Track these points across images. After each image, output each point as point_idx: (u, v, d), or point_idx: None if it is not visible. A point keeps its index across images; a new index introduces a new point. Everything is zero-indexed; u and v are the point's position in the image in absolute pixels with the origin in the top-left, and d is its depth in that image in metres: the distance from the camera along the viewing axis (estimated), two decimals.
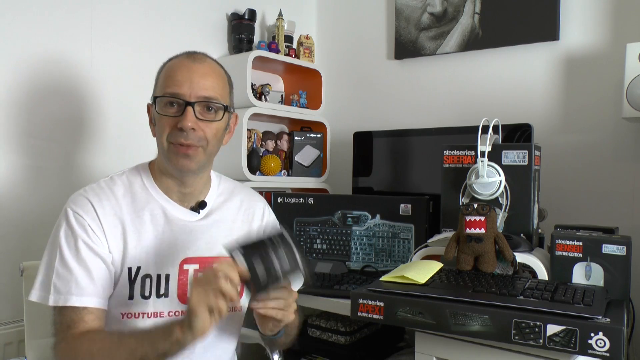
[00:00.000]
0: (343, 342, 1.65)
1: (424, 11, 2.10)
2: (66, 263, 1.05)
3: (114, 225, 1.09)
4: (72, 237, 1.06)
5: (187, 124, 1.08)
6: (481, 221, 1.27)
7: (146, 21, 1.85)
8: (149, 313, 1.11)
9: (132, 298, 1.10)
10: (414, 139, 1.91)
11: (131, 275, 1.10)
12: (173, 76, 1.11)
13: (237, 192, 1.29)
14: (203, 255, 1.16)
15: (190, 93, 1.10)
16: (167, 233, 1.14)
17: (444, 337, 1.19)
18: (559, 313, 1.00)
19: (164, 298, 1.12)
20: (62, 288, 1.04)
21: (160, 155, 1.15)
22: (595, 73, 1.75)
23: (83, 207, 1.09)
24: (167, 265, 1.13)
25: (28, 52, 1.56)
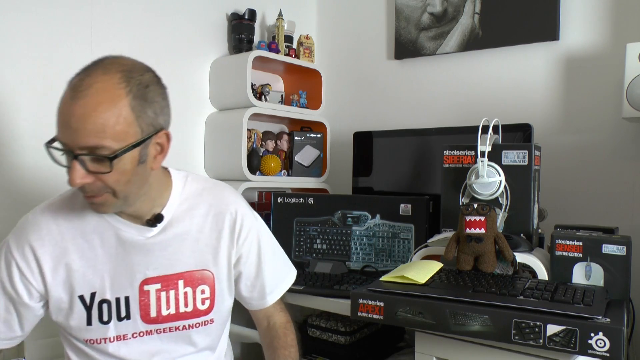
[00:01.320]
0: (343, 342, 1.65)
1: (424, 11, 2.10)
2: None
3: (55, 257, 1.05)
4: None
5: (75, 181, 0.93)
6: (481, 221, 1.27)
7: (146, 21, 1.85)
8: (110, 337, 1.09)
9: (90, 324, 1.08)
10: (414, 139, 1.91)
11: (85, 302, 1.07)
12: (58, 118, 0.93)
13: (206, 195, 1.16)
14: (165, 273, 1.10)
15: (72, 143, 0.92)
16: (120, 255, 1.07)
17: (444, 337, 1.19)
18: (559, 313, 1.00)
19: (126, 321, 1.08)
20: None
21: None
22: (595, 73, 1.75)
23: (19, 244, 1.05)
24: (125, 288, 1.08)
25: (28, 52, 1.56)
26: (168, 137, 1.02)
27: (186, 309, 1.12)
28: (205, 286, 1.14)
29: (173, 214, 1.11)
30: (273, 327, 1.27)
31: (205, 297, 1.14)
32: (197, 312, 1.14)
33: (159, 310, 1.10)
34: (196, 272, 1.13)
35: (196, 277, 1.13)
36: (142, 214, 1.07)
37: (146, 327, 1.10)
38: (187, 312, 1.13)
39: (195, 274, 1.13)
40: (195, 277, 1.13)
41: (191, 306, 1.13)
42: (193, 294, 1.13)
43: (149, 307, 1.10)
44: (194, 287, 1.13)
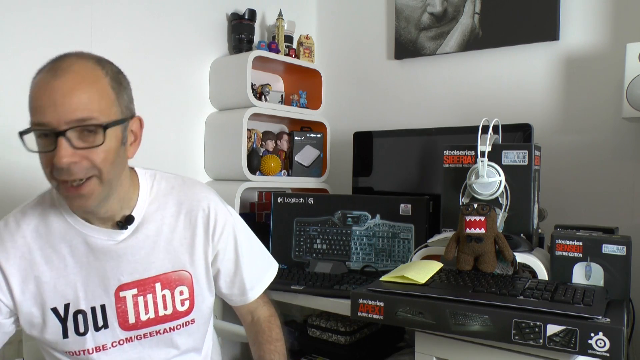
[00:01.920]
0: (343, 342, 1.65)
1: (424, 11, 2.10)
2: None
3: (22, 270, 1.01)
4: None
5: (62, 160, 0.89)
6: (481, 221, 1.27)
7: (146, 21, 1.85)
8: (89, 349, 1.05)
9: (67, 337, 1.04)
10: (414, 139, 1.91)
11: (59, 314, 1.03)
12: (36, 100, 0.90)
13: (176, 193, 1.12)
14: (140, 277, 1.06)
15: (57, 119, 0.89)
16: (92, 262, 1.04)
17: (444, 337, 1.19)
18: (559, 313, 1.00)
19: (104, 330, 1.05)
20: None
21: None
22: (595, 73, 1.75)
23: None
24: (100, 296, 1.05)
25: (28, 52, 1.56)
26: (141, 123, 1.04)
27: (165, 312, 1.09)
28: (183, 287, 1.11)
29: (143, 215, 1.07)
30: (257, 321, 1.25)
31: (185, 297, 1.11)
32: (177, 314, 1.11)
33: (137, 316, 1.07)
34: (172, 274, 1.09)
35: (173, 279, 1.09)
36: (112, 215, 1.03)
37: (125, 334, 1.07)
38: (167, 315, 1.09)
39: (171, 275, 1.09)
40: (172, 278, 1.09)
41: (170, 308, 1.09)
42: (172, 295, 1.09)
43: (127, 313, 1.06)
44: (171, 289, 1.09)
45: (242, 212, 1.99)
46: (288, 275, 1.60)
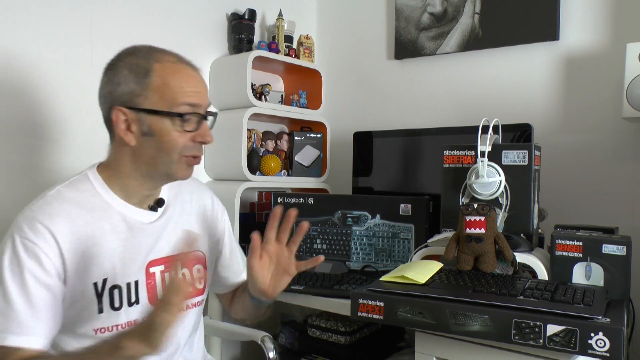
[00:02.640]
0: (343, 342, 1.65)
1: (424, 11, 2.10)
2: (8, 298, 0.96)
3: (71, 243, 1.02)
4: (17, 267, 0.97)
5: (209, 138, 1.08)
6: (481, 221, 1.27)
7: (146, 21, 1.85)
8: (122, 324, 1.07)
9: (102, 312, 1.05)
10: (414, 139, 1.91)
11: (97, 289, 1.05)
12: (186, 87, 1.05)
13: (185, 184, 1.23)
14: (166, 255, 1.14)
15: (203, 104, 1.08)
16: (129, 240, 1.09)
17: (444, 337, 1.19)
18: (559, 313, 1.00)
19: (135, 305, 1.09)
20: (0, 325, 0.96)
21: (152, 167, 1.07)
22: (595, 73, 1.75)
23: (35, 231, 0.99)
24: (134, 272, 1.09)
25: (28, 52, 1.56)
26: None
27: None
28: (199, 265, 1.22)
29: (167, 200, 1.18)
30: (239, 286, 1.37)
31: (201, 276, 1.23)
32: (195, 292, 1.21)
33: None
34: (189, 253, 1.19)
35: (190, 258, 1.20)
36: (154, 194, 1.15)
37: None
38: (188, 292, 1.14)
39: (189, 255, 1.19)
40: (189, 257, 1.20)
41: (190, 286, 1.17)
42: (190, 273, 1.20)
43: (156, 289, 1.12)
44: (190, 268, 1.20)
45: (242, 212, 1.99)
46: None
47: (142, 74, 1.04)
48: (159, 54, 1.08)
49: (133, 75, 1.05)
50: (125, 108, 1.04)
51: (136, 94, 1.04)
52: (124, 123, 1.05)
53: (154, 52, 1.08)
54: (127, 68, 1.05)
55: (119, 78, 1.05)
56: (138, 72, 1.05)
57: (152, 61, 1.06)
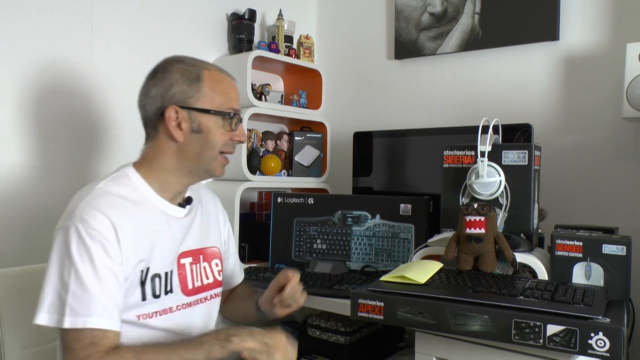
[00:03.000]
0: (343, 342, 1.65)
1: (424, 11, 2.10)
2: (83, 283, 1.01)
3: (125, 233, 1.08)
4: (87, 254, 1.02)
5: (244, 138, 1.25)
6: (481, 221, 1.27)
7: (146, 21, 1.85)
8: (160, 311, 1.14)
9: (145, 299, 1.12)
10: (414, 139, 1.91)
11: (142, 277, 1.11)
12: (230, 93, 1.21)
13: (198, 185, 1.35)
14: (193, 247, 1.25)
15: (239, 110, 1.23)
16: (166, 232, 1.18)
17: (444, 337, 1.19)
18: (559, 313, 1.00)
19: (170, 294, 1.17)
20: (80, 309, 1.00)
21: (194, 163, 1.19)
22: (595, 73, 1.75)
23: (96, 220, 1.05)
24: (169, 263, 1.18)
25: (27, 52, 1.56)
26: None
27: (208, 281, 1.28)
28: (217, 260, 1.32)
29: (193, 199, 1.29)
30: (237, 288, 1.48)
31: (219, 269, 1.32)
32: (216, 283, 1.31)
33: (193, 282, 1.23)
34: (208, 249, 1.30)
35: (209, 253, 1.29)
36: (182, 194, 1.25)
37: (185, 299, 1.20)
38: (210, 284, 1.28)
39: (208, 250, 1.30)
40: (208, 252, 1.29)
41: (211, 278, 1.29)
42: (210, 267, 1.29)
43: (186, 279, 1.21)
44: (209, 262, 1.29)
45: (242, 212, 1.99)
46: None
47: (194, 79, 1.17)
48: (204, 62, 1.22)
49: (185, 79, 1.17)
50: (178, 107, 1.16)
51: (189, 95, 1.16)
52: (175, 120, 1.16)
53: (199, 61, 1.22)
54: (178, 72, 1.17)
55: (171, 81, 1.17)
56: (190, 77, 1.17)
57: (201, 68, 1.19)
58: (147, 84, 1.20)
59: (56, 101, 1.63)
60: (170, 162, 1.18)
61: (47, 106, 1.61)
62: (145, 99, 1.19)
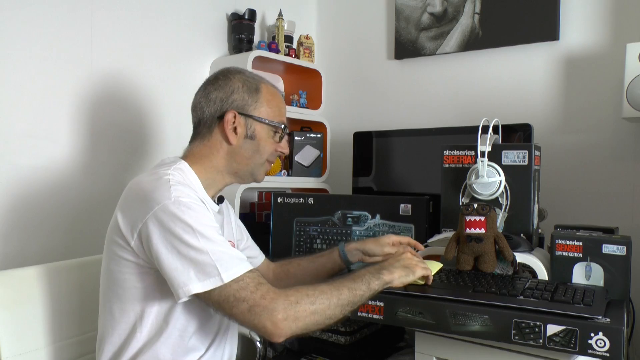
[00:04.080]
0: (343, 342, 1.64)
1: (424, 11, 2.10)
2: (216, 242, 1.06)
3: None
4: (196, 217, 1.07)
5: (287, 150, 1.33)
6: (481, 221, 1.27)
7: (146, 21, 1.85)
8: None
9: None
10: (414, 139, 1.91)
11: None
12: (281, 108, 1.30)
13: None
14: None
15: (287, 124, 1.32)
16: (218, 222, 1.23)
17: (444, 337, 1.19)
18: (559, 313, 1.00)
19: None
20: (229, 262, 1.05)
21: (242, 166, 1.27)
22: (595, 73, 1.75)
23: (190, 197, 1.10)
24: None
25: (28, 52, 1.56)
26: None
27: None
28: None
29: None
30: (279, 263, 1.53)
31: None
32: None
33: None
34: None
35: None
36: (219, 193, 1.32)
37: None
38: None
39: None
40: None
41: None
42: None
43: None
44: None
45: (242, 212, 1.99)
46: None
47: (254, 90, 1.26)
48: (261, 77, 1.31)
49: (246, 88, 1.25)
50: (237, 112, 1.23)
51: (248, 104, 1.25)
52: (232, 125, 1.23)
53: (257, 75, 1.31)
54: (240, 81, 1.26)
55: (232, 88, 1.25)
56: (250, 87, 1.26)
57: (260, 82, 1.28)
58: (207, 88, 1.27)
59: (55, 101, 1.63)
60: (220, 162, 1.25)
61: (46, 106, 1.61)
62: (205, 101, 1.26)
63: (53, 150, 1.62)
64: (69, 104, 1.65)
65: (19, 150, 1.55)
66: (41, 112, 1.60)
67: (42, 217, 1.59)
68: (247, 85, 1.26)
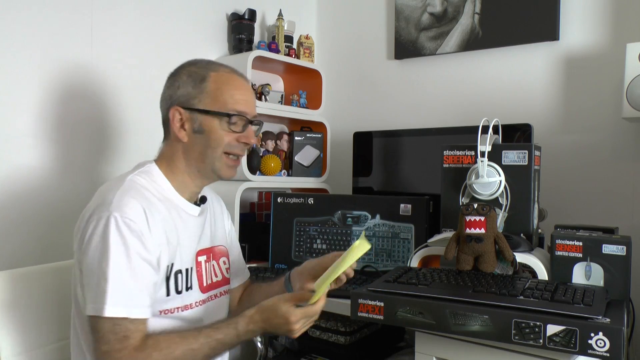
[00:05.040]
0: (343, 342, 1.65)
1: (424, 11, 2.10)
2: (121, 273, 1.03)
3: (158, 226, 1.11)
4: (123, 245, 1.04)
5: (252, 140, 1.23)
6: (481, 221, 1.27)
7: (146, 21, 1.84)
8: (181, 307, 1.17)
9: (168, 294, 1.14)
10: (414, 139, 1.91)
11: (167, 272, 1.14)
12: (237, 94, 1.20)
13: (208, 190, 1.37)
14: (207, 246, 1.28)
15: (251, 111, 1.23)
16: (187, 230, 1.21)
17: (444, 337, 1.19)
18: (559, 313, 1.00)
19: (190, 290, 1.20)
20: (120, 300, 1.02)
21: (200, 163, 1.20)
22: (595, 73, 1.75)
23: (134, 210, 1.07)
24: (190, 259, 1.21)
25: (28, 52, 1.56)
26: None
27: (217, 278, 1.31)
28: (224, 258, 1.35)
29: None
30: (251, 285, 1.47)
31: (227, 267, 1.35)
32: (225, 281, 1.34)
33: (208, 279, 1.27)
34: (216, 247, 1.32)
35: (217, 251, 1.32)
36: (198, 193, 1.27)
37: (202, 295, 1.23)
38: (219, 281, 1.31)
39: (216, 248, 1.32)
40: (216, 251, 1.32)
41: (220, 276, 1.32)
42: (218, 265, 1.32)
43: (202, 276, 1.24)
44: (217, 260, 1.32)
45: (242, 212, 1.99)
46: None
47: (199, 80, 1.19)
48: (216, 65, 1.23)
49: (191, 80, 1.19)
50: (181, 108, 1.19)
51: (192, 97, 1.19)
52: (179, 122, 1.19)
53: (212, 63, 1.24)
54: (186, 74, 1.20)
55: (179, 83, 1.20)
56: (196, 78, 1.19)
57: (209, 70, 1.21)
58: (163, 87, 1.25)
59: (55, 100, 1.63)
60: (182, 162, 1.21)
61: (46, 105, 1.61)
62: (161, 100, 1.24)
63: (53, 151, 1.62)
64: (70, 104, 1.65)
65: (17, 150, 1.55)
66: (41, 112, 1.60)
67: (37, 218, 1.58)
68: (193, 77, 1.20)
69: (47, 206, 1.60)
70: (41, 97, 1.59)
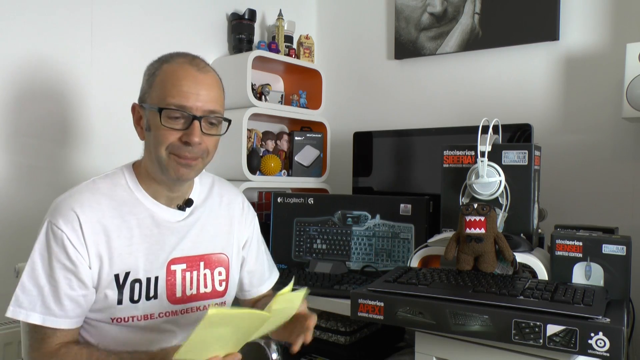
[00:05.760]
0: (343, 342, 1.65)
1: (424, 11, 2.10)
2: (35, 278, 1.03)
3: (97, 233, 1.06)
4: (47, 252, 1.04)
5: (195, 139, 1.07)
6: (481, 221, 1.27)
7: (146, 21, 1.85)
8: (138, 316, 1.10)
9: (121, 303, 1.08)
10: (414, 139, 1.91)
11: (119, 281, 1.08)
12: (179, 86, 1.06)
13: (217, 185, 1.29)
14: (189, 254, 1.17)
15: (197, 106, 1.07)
16: (155, 236, 1.13)
17: (444, 337, 1.19)
18: (559, 313, 1.00)
19: (153, 300, 1.12)
20: (26, 304, 1.02)
21: (153, 163, 1.11)
22: (595, 73, 1.75)
23: (65, 217, 1.04)
24: (156, 268, 1.12)
25: (27, 52, 1.56)
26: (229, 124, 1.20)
27: (206, 290, 1.19)
28: (221, 268, 1.23)
29: (196, 201, 1.21)
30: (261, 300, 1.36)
31: (222, 279, 1.23)
32: (215, 293, 1.21)
33: (184, 290, 1.16)
34: (213, 255, 1.22)
35: (213, 260, 1.21)
36: (182, 195, 1.18)
37: (172, 307, 1.14)
38: (207, 293, 1.20)
39: (213, 256, 1.22)
40: (213, 259, 1.21)
41: (210, 287, 1.20)
42: (211, 275, 1.21)
43: (175, 287, 1.14)
44: (212, 269, 1.21)
45: None
46: (288, 275, 1.60)
47: (151, 74, 1.11)
48: (175, 56, 1.12)
49: (147, 74, 1.13)
50: (137, 104, 1.14)
51: (145, 91, 1.12)
52: (138, 119, 1.14)
53: (172, 55, 1.12)
54: (146, 70, 1.14)
55: (143, 79, 1.14)
56: (150, 73, 1.12)
57: (163, 62, 1.11)
58: None
59: (55, 100, 1.63)
60: (146, 163, 1.14)
61: (46, 105, 1.61)
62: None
63: (52, 150, 1.62)
64: (69, 104, 1.65)
65: (16, 149, 1.55)
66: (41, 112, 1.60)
67: None
68: (148, 71, 1.12)
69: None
70: (40, 97, 1.59)
